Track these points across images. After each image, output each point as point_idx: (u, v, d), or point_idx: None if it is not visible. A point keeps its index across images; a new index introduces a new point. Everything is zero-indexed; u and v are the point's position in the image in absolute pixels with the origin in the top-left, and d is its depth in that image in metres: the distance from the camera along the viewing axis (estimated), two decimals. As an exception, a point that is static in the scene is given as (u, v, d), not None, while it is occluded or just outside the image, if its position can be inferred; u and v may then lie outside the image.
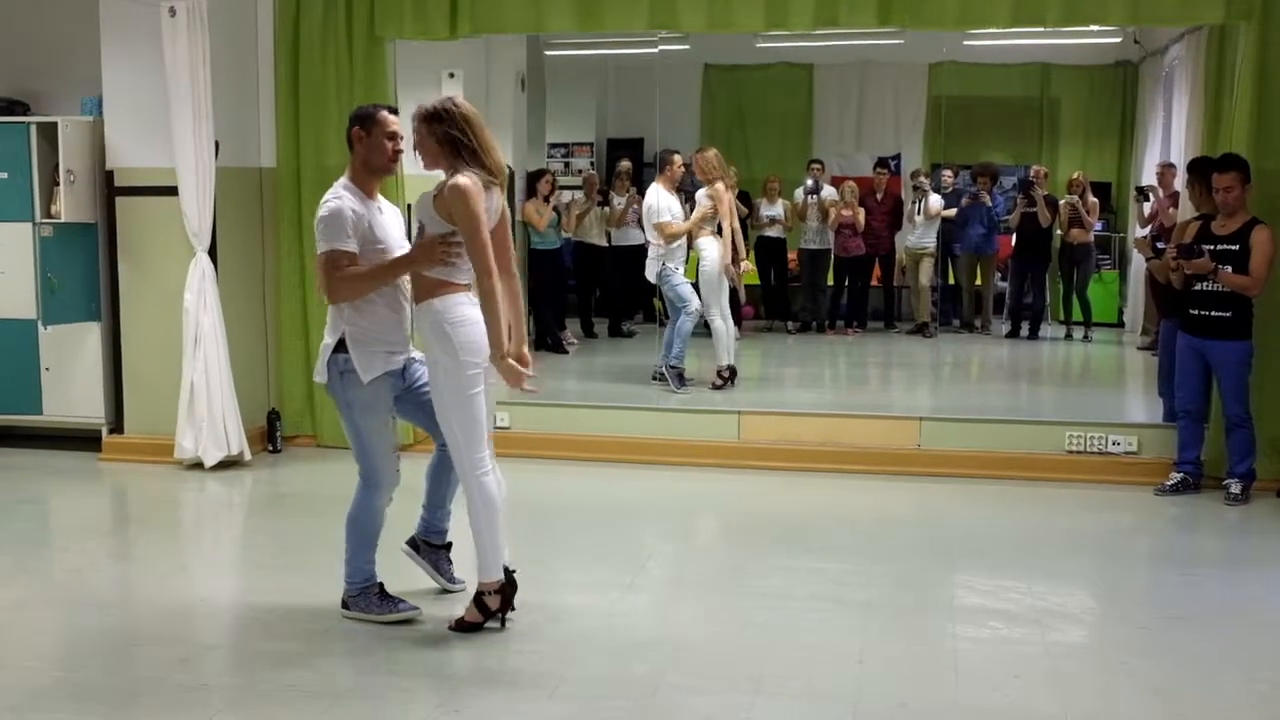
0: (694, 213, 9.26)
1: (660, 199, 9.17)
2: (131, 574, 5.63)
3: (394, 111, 4.79)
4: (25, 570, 5.65)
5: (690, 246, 9.36)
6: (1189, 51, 10.42)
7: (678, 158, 9.53)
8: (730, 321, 9.35)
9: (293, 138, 7.78)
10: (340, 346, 4.56)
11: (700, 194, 9.33)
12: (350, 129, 4.72)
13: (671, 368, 9.12)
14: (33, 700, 4.07)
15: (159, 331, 7.52)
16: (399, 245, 4.66)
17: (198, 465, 7.32)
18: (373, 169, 4.68)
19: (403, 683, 4.22)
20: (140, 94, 7.42)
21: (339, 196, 4.58)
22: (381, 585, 4.78)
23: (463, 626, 4.61)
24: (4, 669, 4.43)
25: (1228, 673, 4.37)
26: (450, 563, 5.05)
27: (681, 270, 9.23)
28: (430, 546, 5.02)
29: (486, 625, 4.61)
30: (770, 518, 6.60)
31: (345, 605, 4.79)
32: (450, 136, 4.45)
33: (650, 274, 9.35)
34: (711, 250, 9.23)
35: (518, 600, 4.68)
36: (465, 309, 4.47)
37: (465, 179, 4.37)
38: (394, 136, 4.70)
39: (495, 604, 4.60)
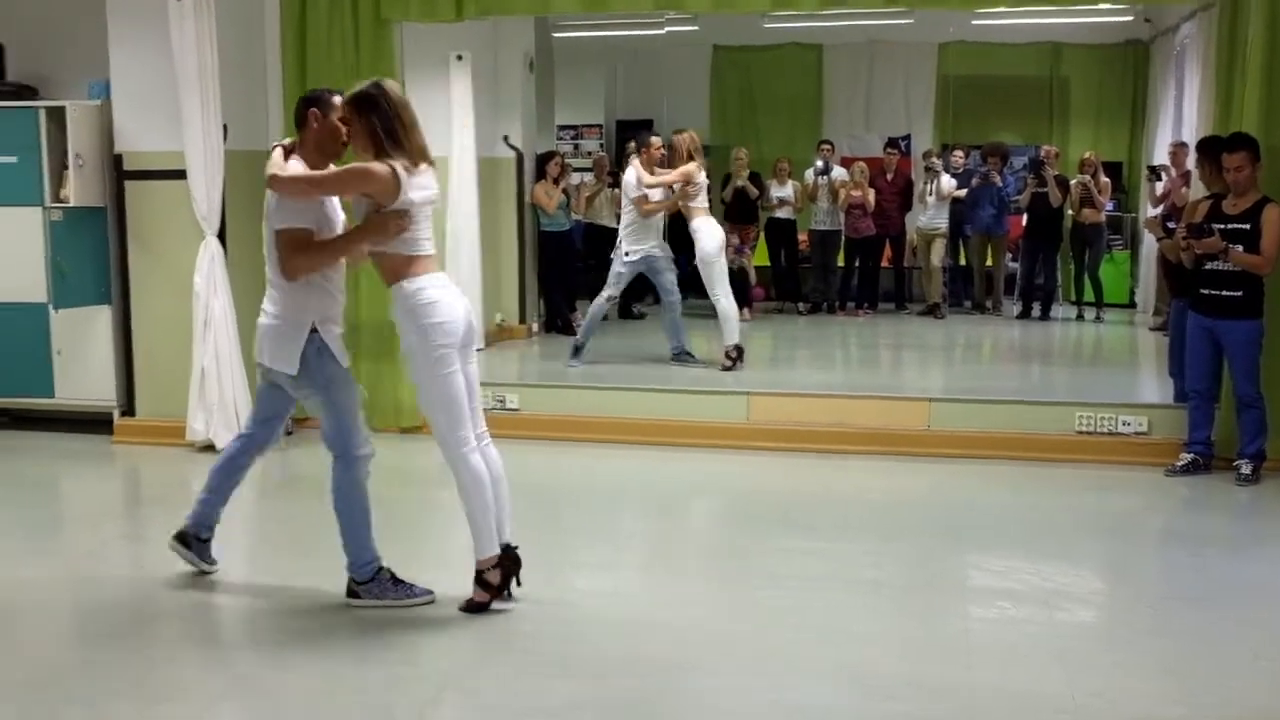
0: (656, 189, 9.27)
1: (638, 175, 9.22)
2: (144, 555, 5.65)
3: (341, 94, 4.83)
4: (39, 551, 5.68)
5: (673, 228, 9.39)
6: (1200, 30, 10.38)
7: (656, 139, 9.63)
8: (731, 301, 9.34)
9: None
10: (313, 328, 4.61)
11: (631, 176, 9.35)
12: (305, 109, 4.71)
13: (575, 345, 9.28)
14: (47, 679, 4.09)
15: (169, 314, 7.54)
16: (342, 226, 4.72)
17: (209, 447, 7.34)
18: (325, 153, 4.69)
19: (412, 660, 4.24)
20: (148, 77, 7.43)
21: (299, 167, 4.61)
22: (391, 570, 4.79)
23: (471, 607, 4.63)
24: (20, 648, 4.47)
25: (1237, 652, 4.36)
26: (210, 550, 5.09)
27: (635, 256, 9.23)
28: (200, 541, 5.04)
29: (494, 604, 4.62)
30: (780, 499, 6.61)
31: (353, 594, 4.74)
32: (378, 125, 4.49)
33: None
34: (707, 232, 9.24)
35: (524, 579, 4.69)
36: (434, 290, 4.50)
37: (379, 165, 4.43)
38: (346, 121, 4.69)
39: (496, 579, 4.61)
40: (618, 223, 12.18)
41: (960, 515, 6.21)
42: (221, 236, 7.42)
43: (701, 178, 9.29)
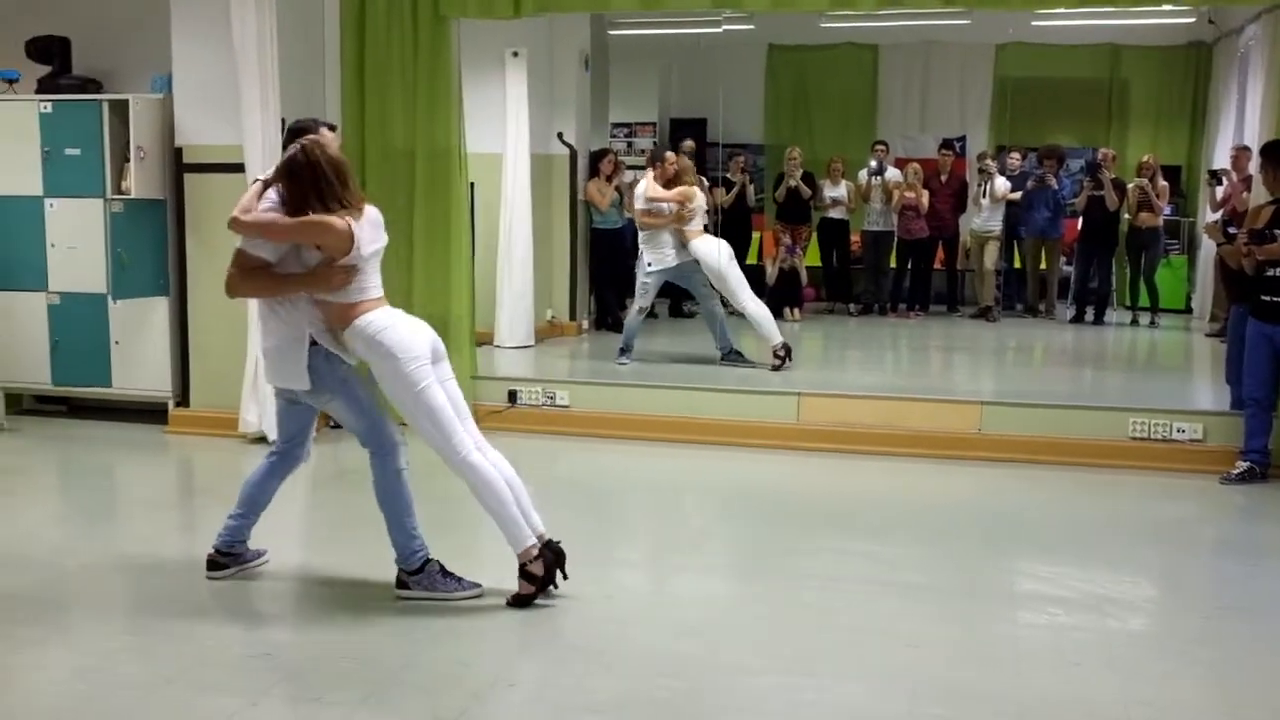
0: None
1: (647, 189, 9.21)
2: (197, 544, 5.70)
3: (332, 128, 4.90)
4: (95, 538, 5.77)
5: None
6: (1266, 31, 10.23)
7: (670, 155, 9.62)
8: (757, 304, 9.34)
9: (358, 115, 7.85)
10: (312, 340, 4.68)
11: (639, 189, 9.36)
12: (290, 142, 4.75)
13: (621, 347, 9.29)
14: (99, 664, 4.16)
15: (225, 307, 7.53)
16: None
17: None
18: None
19: (457, 656, 4.27)
20: (209, 72, 7.52)
21: (274, 205, 4.65)
22: (440, 563, 4.83)
23: (518, 601, 4.65)
24: (74, 633, 4.55)
25: (1291, 665, 4.31)
26: (248, 548, 5.10)
27: (655, 264, 9.22)
28: (231, 555, 5.04)
29: (538, 597, 4.64)
30: (827, 500, 6.59)
31: (402, 584, 4.78)
32: (309, 191, 4.55)
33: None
34: (705, 249, 9.25)
35: (569, 574, 4.70)
36: (386, 316, 4.61)
37: (337, 220, 4.53)
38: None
39: (539, 569, 4.63)
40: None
41: (1010, 520, 6.16)
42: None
43: (699, 201, 9.33)
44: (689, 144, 12.49)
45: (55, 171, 7.80)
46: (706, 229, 9.44)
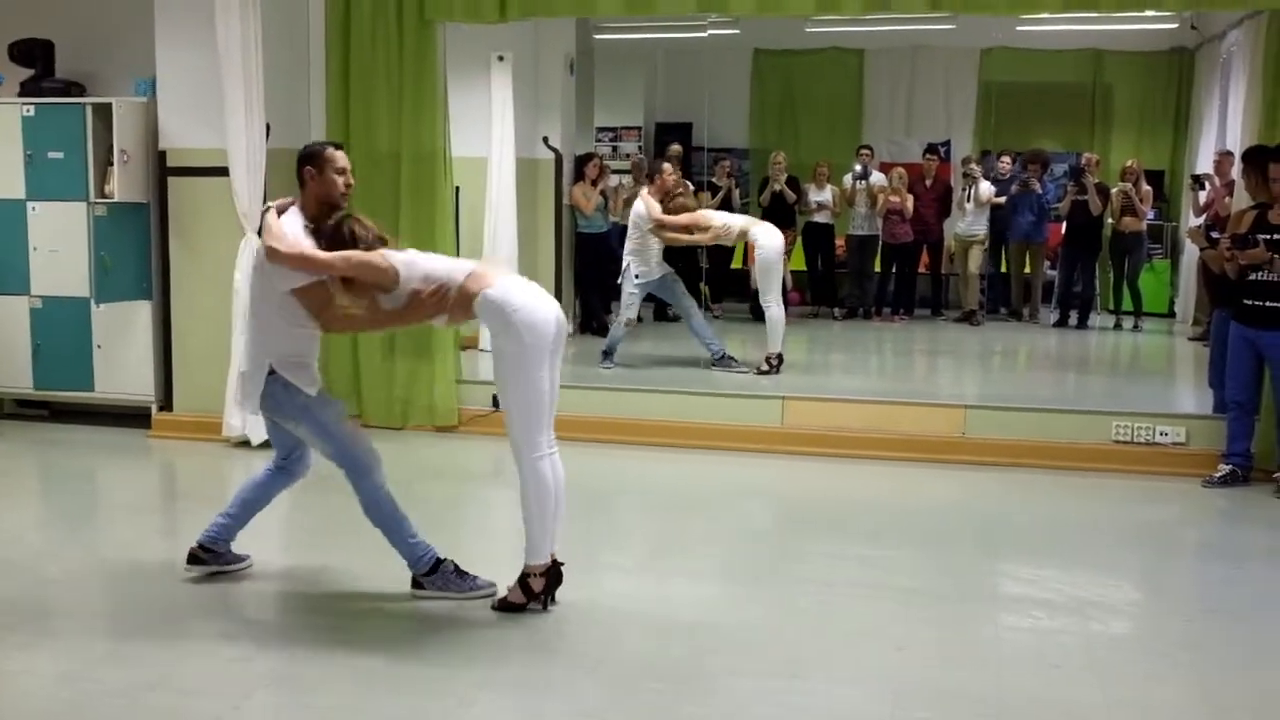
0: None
1: (648, 208, 9.17)
2: (179, 549, 5.67)
3: (338, 147, 4.88)
4: (77, 544, 5.75)
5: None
6: (1247, 37, 10.27)
7: (668, 167, 9.61)
8: (781, 309, 9.35)
9: (342, 120, 7.83)
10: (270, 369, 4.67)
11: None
12: (300, 169, 4.77)
13: (604, 351, 9.30)
14: (82, 670, 4.14)
15: (209, 311, 7.61)
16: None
17: (245, 443, 7.40)
18: (326, 204, 4.75)
19: (443, 661, 4.26)
20: (193, 75, 7.50)
21: (297, 230, 4.63)
22: (454, 563, 4.82)
23: (506, 606, 4.64)
24: (55, 638, 4.53)
25: (1273, 667, 4.32)
26: (231, 551, 5.09)
27: (641, 275, 9.24)
28: (213, 553, 5.03)
29: (529, 607, 4.64)
30: (813, 504, 6.60)
31: (418, 584, 4.79)
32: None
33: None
34: (768, 238, 9.27)
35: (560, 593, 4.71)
36: (518, 293, 4.52)
37: (382, 261, 4.55)
38: (343, 171, 4.77)
39: (539, 586, 4.63)
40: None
41: (994, 523, 6.17)
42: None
43: (719, 221, 9.42)
44: (675, 148, 12.52)
45: (38, 175, 7.77)
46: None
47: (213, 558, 5.03)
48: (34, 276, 7.88)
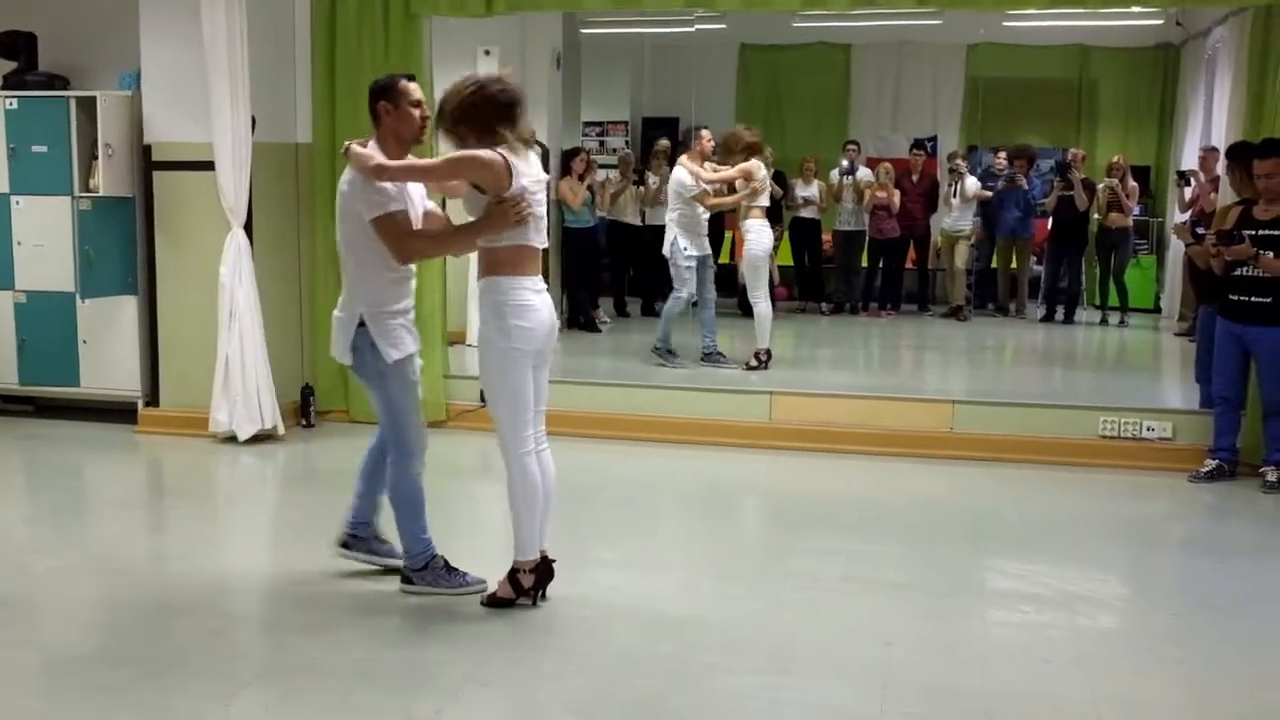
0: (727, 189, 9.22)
1: (693, 173, 9.13)
2: (166, 545, 5.69)
3: (410, 78, 4.74)
4: (63, 540, 5.72)
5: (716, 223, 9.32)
6: (1232, 34, 10.30)
7: (705, 132, 9.55)
8: (769, 304, 9.34)
9: (328, 113, 7.80)
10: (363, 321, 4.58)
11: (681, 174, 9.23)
12: (375, 104, 4.63)
13: (656, 349, 9.19)
14: (68, 666, 4.12)
15: (195, 305, 7.57)
16: (421, 212, 4.69)
17: (232, 439, 7.38)
18: (403, 140, 4.63)
19: (432, 655, 4.25)
20: (178, 69, 7.46)
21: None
22: (445, 559, 4.81)
23: (494, 601, 4.64)
24: (41, 635, 4.51)
25: (1260, 661, 4.34)
26: (383, 541, 5.01)
27: (693, 250, 9.17)
28: (358, 538, 4.99)
29: (518, 602, 4.63)
30: (801, 499, 6.60)
31: (407, 580, 4.78)
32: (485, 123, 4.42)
33: (666, 249, 9.30)
34: (759, 233, 9.24)
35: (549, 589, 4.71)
36: (528, 295, 4.46)
37: (489, 153, 4.38)
38: (419, 104, 4.65)
39: (529, 582, 4.62)
40: (641, 220, 12.28)
41: (982, 518, 6.18)
42: (248, 228, 7.44)
43: (762, 174, 9.20)
44: (663, 143, 12.52)
45: (22, 169, 7.72)
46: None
47: (360, 545, 4.97)
48: (18, 271, 7.83)
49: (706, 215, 9.31)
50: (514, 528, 4.60)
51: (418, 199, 4.72)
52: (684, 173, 9.18)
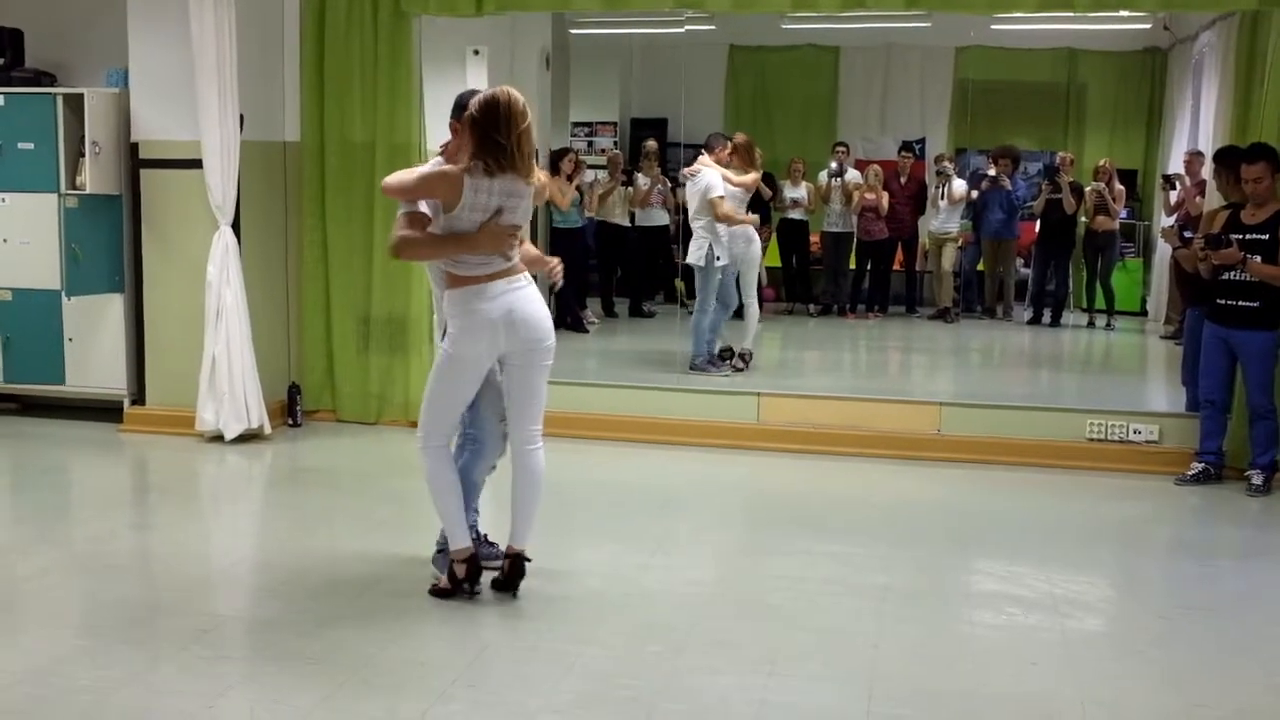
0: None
1: (718, 178, 9.02)
2: (152, 544, 5.66)
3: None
4: (48, 539, 5.69)
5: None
6: (1219, 39, 10.33)
7: (741, 136, 9.52)
8: (757, 307, 9.38)
9: (317, 112, 7.79)
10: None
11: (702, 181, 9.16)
12: (452, 118, 4.75)
13: (695, 366, 9.08)
14: (54, 666, 4.10)
15: (181, 304, 7.55)
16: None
17: (218, 438, 7.35)
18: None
19: (419, 656, 4.24)
20: (166, 67, 7.43)
21: (438, 162, 4.73)
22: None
23: (435, 591, 4.76)
24: (26, 635, 4.48)
25: (1246, 664, 4.35)
26: (489, 544, 5.04)
27: (724, 258, 9.04)
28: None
29: (457, 594, 4.72)
30: (788, 500, 6.60)
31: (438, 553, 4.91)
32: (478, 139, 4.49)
33: (695, 257, 9.11)
34: (751, 234, 9.32)
35: (532, 574, 4.74)
36: (476, 302, 4.54)
37: (450, 168, 4.53)
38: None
39: (461, 572, 4.71)
40: (630, 221, 12.26)
41: (970, 520, 6.19)
42: (235, 227, 7.42)
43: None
44: (651, 144, 12.51)
45: (8, 165, 7.68)
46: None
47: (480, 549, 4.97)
48: (4, 268, 7.79)
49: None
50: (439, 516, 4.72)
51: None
52: (715, 175, 9.07)
